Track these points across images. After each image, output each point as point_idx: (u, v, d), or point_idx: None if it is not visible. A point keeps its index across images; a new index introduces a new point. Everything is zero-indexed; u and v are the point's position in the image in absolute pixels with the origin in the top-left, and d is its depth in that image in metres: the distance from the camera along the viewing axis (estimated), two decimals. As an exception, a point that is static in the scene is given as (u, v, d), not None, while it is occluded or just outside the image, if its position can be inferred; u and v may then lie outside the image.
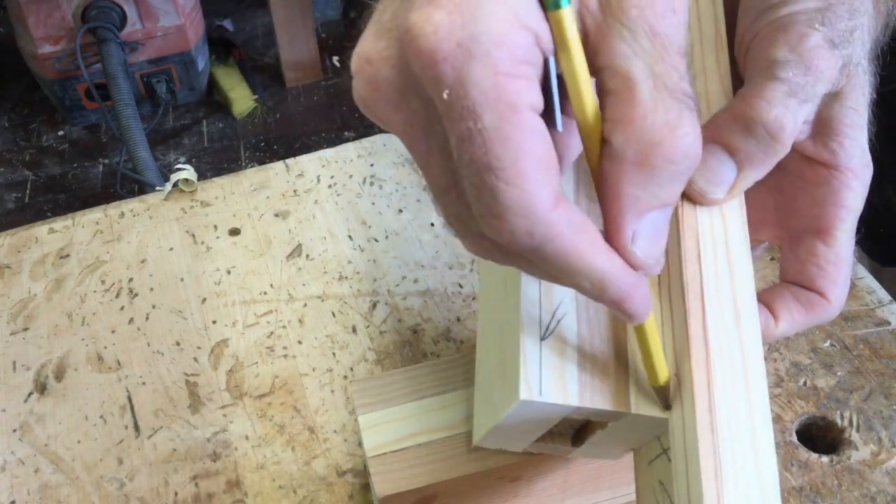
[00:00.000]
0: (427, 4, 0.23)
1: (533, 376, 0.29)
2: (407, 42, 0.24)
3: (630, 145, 0.24)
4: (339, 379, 0.49)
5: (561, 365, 0.30)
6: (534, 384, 0.29)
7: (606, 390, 0.30)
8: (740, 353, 0.29)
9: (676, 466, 0.28)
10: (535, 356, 0.29)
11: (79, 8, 1.79)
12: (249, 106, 2.04)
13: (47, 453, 0.47)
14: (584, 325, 0.31)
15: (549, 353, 0.30)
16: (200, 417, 0.48)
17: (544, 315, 0.30)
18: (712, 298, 0.30)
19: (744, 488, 0.27)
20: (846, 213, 0.32)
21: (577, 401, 0.29)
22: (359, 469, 0.45)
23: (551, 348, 0.30)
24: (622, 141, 0.24)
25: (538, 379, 0.29)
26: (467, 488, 0.37)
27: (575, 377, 0.29)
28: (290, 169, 0.62)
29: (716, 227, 0.31)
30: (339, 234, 0.57)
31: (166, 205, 0.60)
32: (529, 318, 0.30)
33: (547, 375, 0.29)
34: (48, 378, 0.50)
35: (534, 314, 0.30)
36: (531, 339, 0.30)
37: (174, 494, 0.44)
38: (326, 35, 2.27)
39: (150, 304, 0.54)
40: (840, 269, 0.32)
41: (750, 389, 0.28)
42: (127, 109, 1.69)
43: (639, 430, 0.31)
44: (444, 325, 0.51)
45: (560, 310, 0.31)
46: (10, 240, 0.59)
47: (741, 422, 0.28)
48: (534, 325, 0.30)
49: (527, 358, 0.29)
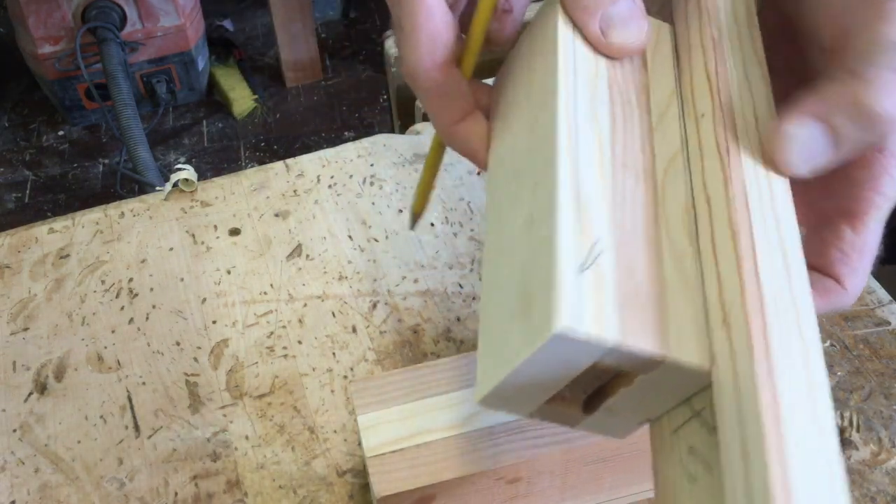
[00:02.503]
0: None
1: (572, 307, 0.27)
2: None
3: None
4: (339, 379, 0.49)
5: (600, 299, 0.27)
6: (574, 314, 0.26)
7: (646, 331, 0.28)
8: (793, 305, 0.27)
9: (725, 424, 0.26)
10: (572, 287, 0.27)
11: (79, 8, 1.79)
12: (249, 106, 2.04)
13: (47, 453, 0.47)
14: (624, 262, 0.29)
15: (588, 286, 0.27)
16: (200, 417, 0.48)
17: (582, 248, 0.28)
18: (763, 245, 0.28)
19: (806, 448, 0.25)
20: (882, 201, 0.31)
21: (619, 336, 0.27)
22: (359, 469, 0.45)
23: (590, 281, 0.28)
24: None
25: (578, 309, 0.27)
26: (466, 489, 0.37)
27: (615, 314, 0.27)
28: (290, 169, 0.62)
29: (761, 178, 0.30)
30: (339, 234, 0.57)
31: (166, 205, 0.60)
32: (566, 250, 0.28)
33: (588, 307, 0.27)
34: (48, 378, 0.50)
35: (571, 246, 0.28)
36: (569, 270, 0.27)
37: (174, 494, 0.44)
38: (326, 35, 2.27)
39: (150, 304, 0.54)
40: (863, 257, 0.32)
41: (805, 342, 0.27)
42: (127, 109, 1.69)
43: (665, 391, 0.29)
44: (444, 325, 0.51)
45: (598, 246, 0.29)
46: (10, 240, 0.59)
47: (798, 375, 0.26)
48: (571, 257, 0.28)
49: (564, 288, 0.27)
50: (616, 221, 0.30)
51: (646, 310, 0.28)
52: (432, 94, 0.35)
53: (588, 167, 0.30)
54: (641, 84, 0.34)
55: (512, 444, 0.37)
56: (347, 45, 2.24)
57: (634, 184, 0.31)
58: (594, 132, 0.31)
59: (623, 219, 0.30)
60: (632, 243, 0.29)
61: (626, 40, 0.32)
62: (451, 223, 0.57)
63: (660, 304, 0.29)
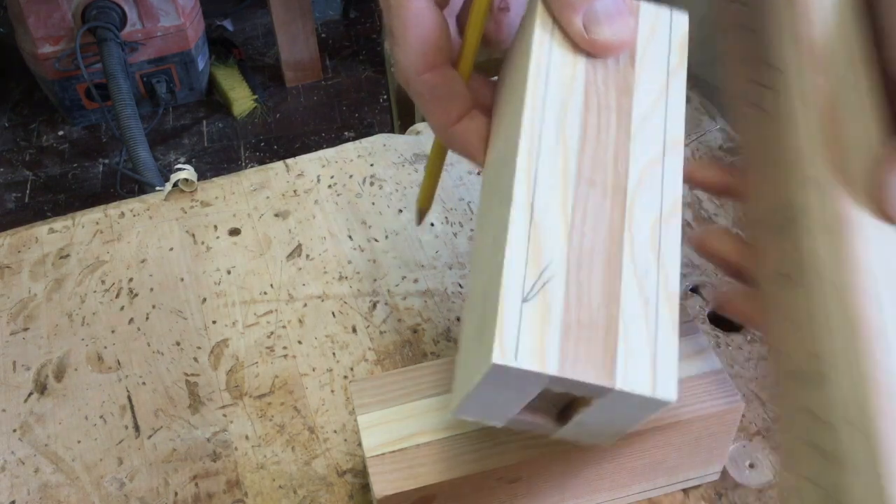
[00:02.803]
0: None
1: (509, 339, 0.27)
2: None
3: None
4: (339, 379, 0.49)
5: (541, 330, 0.28)
6: (509, 348, 0.27)
7: (590, 361, 0.28)
8: None
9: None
10: (513, 318, 0.28)
11: (79, 8, 1.79)
12: (249, 106, 2.04)
13: (47, 453, 0.47)
14: (574, 289, 0.29)
15: (530, 317, 0.28)
16: (200, 417, 0.48)
17: (529, 276, 0.28)
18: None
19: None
20: None
21: (556, 369, 0.27)
22: (359, 469, 0.45)
23: (533, 311, 0.28)
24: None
25: (514, 343, 0.27)
26: (466, 489, 0.37)
27: (556, 344, 0.27)
28: (290, 169, 0.62)
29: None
30: (339, 234, 0.57)
31: (166, 205, 0.60)
32: (512, 278, 0.28)
33: (525, 339, 0.27)
34: (48, 378, 0.50)
35: (518, 274, 0.28)
36: (511, 301, 0.28)
37: (174, 494, 0.44)
38: (326, 35, 2.27)
39: (150, 304, 0.54)
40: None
41: None
42: (127, 109, 1.69)
43: (631, 411, 0.29)
44: (444, 325, 0.51)
45: (548, 271, 0.29)
46: (10, 240, 0.59)
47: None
48: (516, 286, 0.28)
49: (504, 320, 0.27)
50: (573, 243, 0.29)
51: (594, 338, 0.28)
52: (426, 97, 0.35)
53: (548, 187, 0.30)
54: (625, 85, 0.32)
55: (512, 444, 0.37)
56: (347, 45, 2.24)
57: (600, 200, 0.30)
58: (560, 146, 0.31)
59: (582, 239, 0.29)
60: (588, 266, 0.29)
61: (610, 38, 0.31)
62: (451, 223, 0.57)
63: (611, 330, 0.28)
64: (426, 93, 0.35)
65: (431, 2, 0.33)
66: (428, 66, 0.34)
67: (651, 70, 0.32)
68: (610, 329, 0.28)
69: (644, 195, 0.31)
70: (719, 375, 0.39)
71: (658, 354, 0.28)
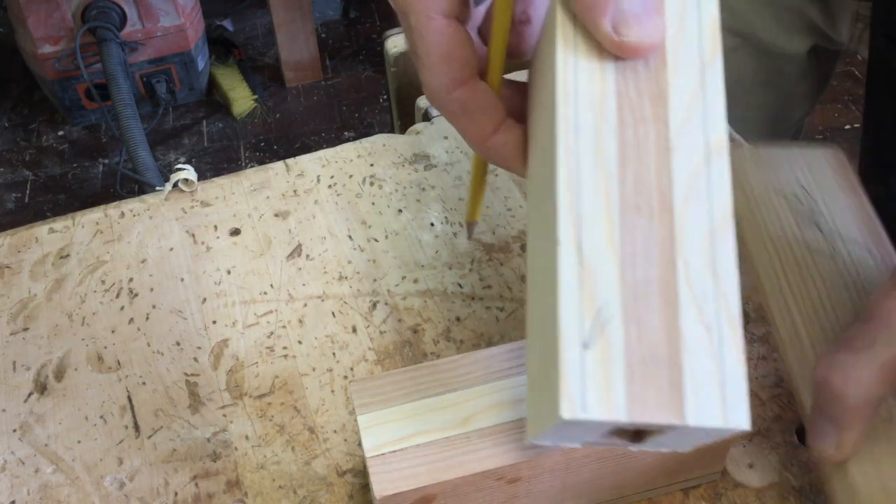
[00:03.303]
0: None
1: (574, 390, 0.27)
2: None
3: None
4: (339, 379, 0.49)
5: (606, 375, 0.27)
6: (576, 400, 0.27)
7: (658, 401, 0.27)
8: None
9: None
10: (576, 368, 0.27)
11: (79, 8, 1.79)
12: (249, 106, 2.05)
13: (47, 453, 0.47)
14: (633, 325, 0.28)
15: (593, 363, 0.27)
16: (200, 417, 0.48)
17: (586, 319, 0.28)
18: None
19: None
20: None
21: (625, 414, 0.27)
22: (359, 469, 0.45)
23: (595, 357, 0.27)
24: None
25: (580, 393, 0.27)
26: (467, 489, 0.37)
27: (622, 388, 0.27)
28: (290, 169, 0.62)
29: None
30: (339, 234, 0.57)
31: (166, 205, 0.60)
32: (569, 324, 0.27)
33: (590, 388, 0.27)
34: (48, 378, 0.50)
35: (574, 320, 0.28)
36: (571, 349, 0.27)
37: (174, 494, 0.44)
38: (326, 35, 2.27)
39: (150, 304, 0.54)
40: None
41: None
42: (127, 109, 1.69)
43: (705, 435, 0.28)
44: (444, 325, 0.51)
45: (604, 312, 0.28)
46: (10, 240, 0.59)
47: None
48: (574, 333, 0.27)
49: (567, 371, 0.27)
50: (626, 276, 0.28)
51: (659, 375, 0.27)
52: (457, 115, 0.34)
53: (593, 221, 0.29)
54: (658, 89, 0.30)
55: (512, 444, 0.37)
56: (347, 45, 2.24)
57: (648, 224, 0.29)
58: (599, 171, 0.29)
59: (634, 271, 0.28)
60: (644, 298, 0.28)
61: (641, 38, 0.29)
62: (451, 223, 0.57)
63: (675, 364, 0.27)
64: (458, 110, 0.34)
65: (452, 18, 0.33)
66: (457, 83, 0.33)
67: (684, 65, 0.31)
68: (674, 363, 0.28)
69: (692, 210, 0.29)
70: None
71: (726, 381, 0.27)
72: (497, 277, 0.54)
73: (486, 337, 0.50)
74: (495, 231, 0.57)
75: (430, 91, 0.34)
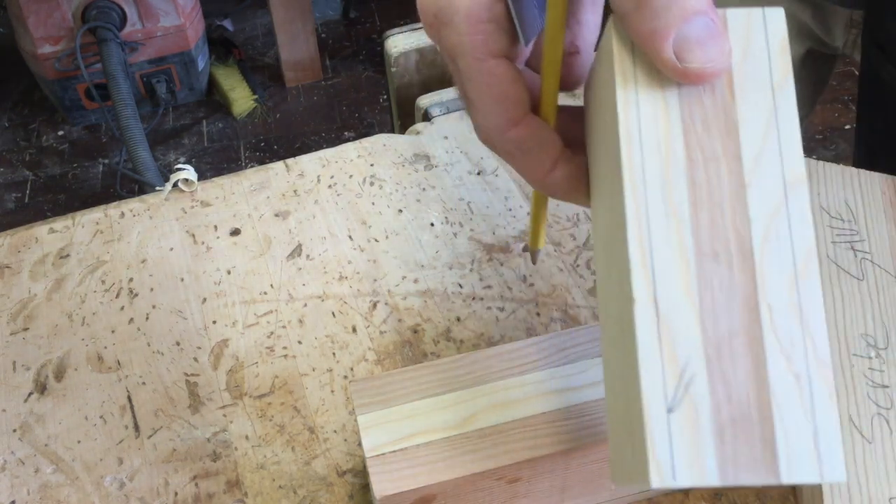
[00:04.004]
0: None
1: (663, 457, 0.26)
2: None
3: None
4: (339, 379, 0.49)
5: (694, 438, 0.26)
6: (665, 467, 0.26)
7: (751, 461, 0.26)
8: None
9: None
10: (663, 432, 0.26)
11: (79, 8, 1.79)
12: (249, 106, 2.05)
13: (47, 453, 0.47)
14: (719, 382, 0.27)
15: (679, 426, 0.26)
16: (200, 417, 0.48)
17: (669, 380, 0.26)
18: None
19: None
20: None
21: (717, 478, 0.26)
22: (359, 469, 0.45)
23: (681, 419, 0.26)
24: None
25: (670, 460, 0.26)
26: (467, 489, 0.37)
27: (712, 450, 0.26)
28: (290, 169, 0.62)
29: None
30: (339, 234, 0.57)
31: (166, 205, 0.60)
32: (652, 387, 0.26)
33: (679, 453, 0.26)
34: (48, 378, 0.50)
35: (657, 382, 0.27)
36: (656, 413, 0.26)
37: (174, 494, 0.44)
38: (326, 35, 2.27)
39: (150, 304, 0.54)
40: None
41: None
42: (127, 109, 1.69)
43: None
44: (444, 325, 0.51)
45: (688, 371, 0.27)
46: (10, 240, 0.59)
47: None
48: (658, 395, 0.26)
49: (654, 436, 0.26)
50: (707, 331, 0.27)
51: (750, 433, 0.26)
52: (513, 154, 0.33)
53: (667, 273, 0.27)
54: (727, 122, 0.28)
55: (512, 444, 0.37)
56: (347, 45, 2.24)
57: (727, 273, 0.27)
58: (671, 219, 0.28)
59: (716, 325, 0.27)
60: (729, 353, 0.27)
61: (705, 64, 0.27)
62: (451, 223, 0.57)
63: (766, 419, 0.26)
64: (514, 150, 0.33)
65: (502, 58, 0.32)
66: (511, 123, 0.32)
67: (754, 93, 0.29)
68: (765, 419, 0.26)
69: (773, 253, 0.28)
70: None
71: (819, 431, 0.26)
72: (497, 277, 0.54)
73: (486, 337, 0.50)
74: (495, 231, 0.57)
75: (483, 133, 0.33)
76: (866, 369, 0.42)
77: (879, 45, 0.60)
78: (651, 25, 0.27)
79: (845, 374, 0.42)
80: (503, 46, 0.32)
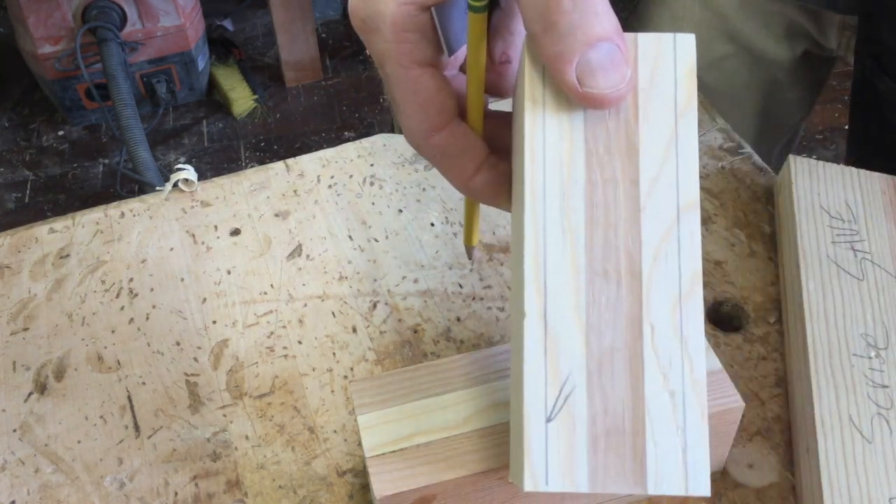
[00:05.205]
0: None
1: (538, 464, 0.28)
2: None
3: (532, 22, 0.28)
4: (339, 379, 0.49)
5: (568, 448, 0.28)
6: (539, 473, 0.28)
7: (620, 471, 0.28)
8: None
9: None
10: (540, 441, 0.28)
11: (79, 8, 1.79)
12: (249, 106, 2.04)
13: (47, 453, 0.47)
14: (598, 395, 0.28)
15: (556, 436, 0.28)
16: (200, 417, 0.48)
17: (550, 392, 0.28)
18: None
19: None
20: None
21: (586, 486, 0.28)
22: (359, 469, 0.45)
23: (558, 430, 0.28)
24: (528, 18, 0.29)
25: (543, 466, 0.28)
26: (467, 489, 0.37)
27: (584, 459, 0.28)
28: (290, 169, 0.62)
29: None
30: (339, 234, 0.57)
31: (166, 205, 0.60)
32: (534, 398, 0.28)
33: (553, 460, 0.28)
34: (48, 378, 0.50)
35: (539, 393, 0.28)
36: (535, 422, 0.28)
37: (174, 494, 0.44)
38: (326, 35, 2.27)
39: (150, 304, 0.54)
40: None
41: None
42: (127, 109, 1.69)
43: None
44: (444, 325, 0.51)
45: (568, 385, 0.28)
46: (10, 240, 0.59)
47: None
48: (539, 406, 0.28)
49: (531, 444, 0.28)
50: (592, 346, 0.29)
51: (622, 444, 0.28)
52: (437, 159, 0.35)
53: (558, 289, 0.29)
54: (628, 145, 0.29)
55: (512, 444, 0.37)
56: (347, 45, 2.24)
57: (615, 291, 0.29)
58: (567, 236, 0.29)
59: (600, 340, 0.29)
60: (609, 368, 0.29)
61: (605, 90, 0.28)
62: (451, 223, 0.57)
63: (638, 433, 0.28)
64: (437, 155, 0.34)
65: (427, 66, 0.33)
66: (434, 128, 0.33)
67: (657, 116, 0.30)
68: (637, 432, 0.28)
69: (660, 274, 0.29)
70: (719, 375, 0.39)
71: (688, 447, 0.28)
72: (497, 277, 0.54)
73: (486, 337, 0.50)
74: (495, 231, 0.57)
75: (409, 137, 0.35)
76: (866, 369, 0.42)
77: (874, 56, 0.60)
78: (556, 49, 0.28)
79: (845, 374, 0.42)
80: (428, 55, 0.32)
